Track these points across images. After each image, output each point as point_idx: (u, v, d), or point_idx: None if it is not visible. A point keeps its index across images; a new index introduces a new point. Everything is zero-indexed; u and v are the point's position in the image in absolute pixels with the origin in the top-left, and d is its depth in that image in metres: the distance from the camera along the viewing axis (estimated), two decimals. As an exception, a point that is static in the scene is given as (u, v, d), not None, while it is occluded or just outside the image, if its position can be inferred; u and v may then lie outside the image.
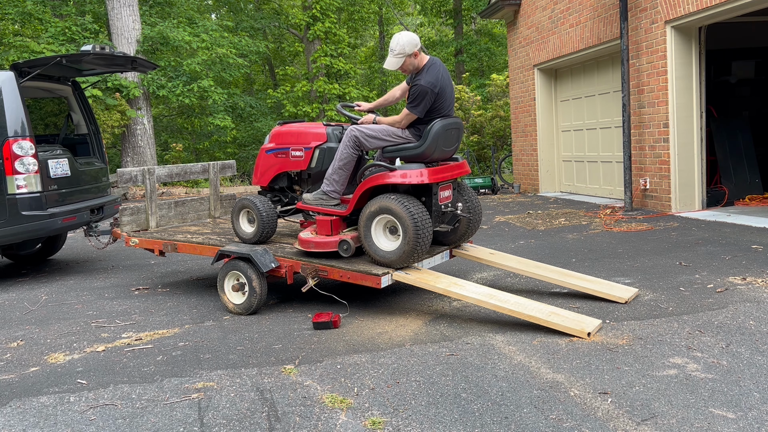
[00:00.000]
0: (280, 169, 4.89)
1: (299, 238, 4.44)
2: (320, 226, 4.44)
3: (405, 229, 4.01)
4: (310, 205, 4.58)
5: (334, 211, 4.46)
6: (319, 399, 2.96)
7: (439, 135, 4.26)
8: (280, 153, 4.84)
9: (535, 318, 3.78)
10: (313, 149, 4.69)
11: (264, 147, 4.98)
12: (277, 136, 4.92)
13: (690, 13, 7.49)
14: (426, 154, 4.27)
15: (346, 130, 4.52)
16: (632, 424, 2.58)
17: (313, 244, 4.33)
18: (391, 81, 31.40)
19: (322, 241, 4.32)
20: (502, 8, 12.31)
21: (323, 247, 4.31)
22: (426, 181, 4.12)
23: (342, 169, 4.47)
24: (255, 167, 5.02)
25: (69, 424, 2.82)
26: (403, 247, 4.05)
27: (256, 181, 5.03)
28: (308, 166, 4.73)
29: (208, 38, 17.03)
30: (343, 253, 4.27)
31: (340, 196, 4.54)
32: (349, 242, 4.26)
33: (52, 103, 7.58)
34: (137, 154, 16.21)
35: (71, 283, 5.95)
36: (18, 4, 16.41)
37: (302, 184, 4.95)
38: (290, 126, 4.95)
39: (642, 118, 8.60)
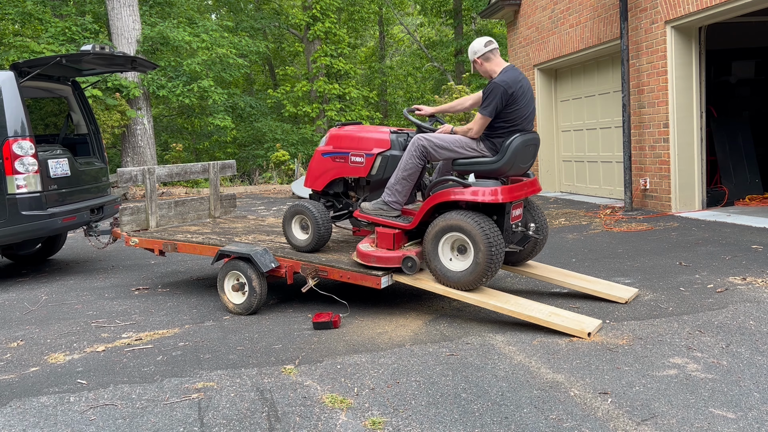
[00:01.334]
0: (337, 174, 4.65)
1: (358, 250, 4.22)
2: (381, 239, 4.21)
3: (477, 249, 3.81)
4: (368, 215, 4.36)
5: (396, 224, 4.24)
6: (319, 399, 2.96)
7: (518, 151, 4.03)
8: (339, 157, 4.60)
9: (535, 318, 3.78)
10: (375, 156, 4.44)
11: (320, 149, 4.73)
12: (335, 139, 4.66)
13: (690, 13, 7.50)
14: (502, 170, 4.05)
15: (413, 138, 4.26)
16: (632, 424, 2.58)
17: (375, 259, 4.10)
18: (391, 81, 31.42)
19: (384, 255, 4.10)
20: (502, 8, 12.31)
21: (385, 262, 4.09)
22: (502, 200, 3.89)
23: (406, 180, 4.25)
24: (308, 169, 4.79)
25: (69, 424, 2.82)
26: (474, 269, 3.85)
27: (309, 185, 4.81)
28: (368, 174, 4.49)
29: (208, 38, 17.03)
30: (407, 270, 4.08)
31: (401, 207, 4.33)
32: (414, 259, 4.04)
33: (52, 103, 7.58)
34: (137, 154, 16.21)
35: (71, 283, 5.95)
36: (18, 4, 16.41)
37: (358, 190, 4.74)
38: (350, 129, 4.69)
39: (642, 118, 8.60)
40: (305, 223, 4.59)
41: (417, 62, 31.00)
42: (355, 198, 4.77)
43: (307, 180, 4.82)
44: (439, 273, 3.99)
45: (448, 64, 27.67)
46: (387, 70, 30.87)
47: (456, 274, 3.94)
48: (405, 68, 32.13)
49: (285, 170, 17.78)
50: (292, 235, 4.63)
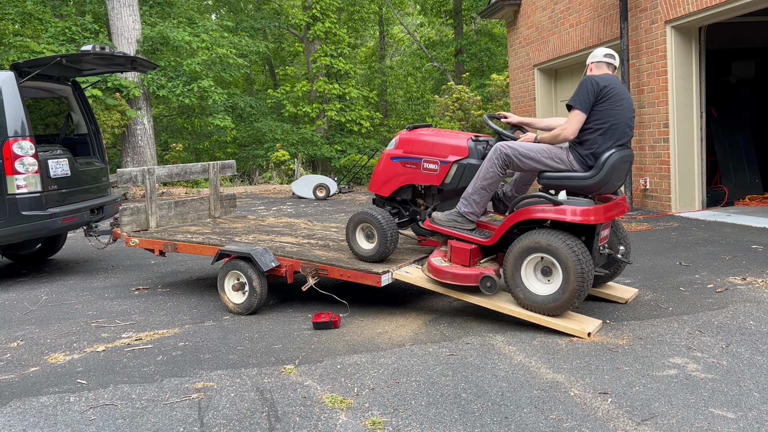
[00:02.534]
0: (406, 180, 4.40)
1: (431, 264, 3.98)
2: (456, 254, 3.96)
3: (567, 273, 3.55)
4: (440, 227, 4.12)
5: (472, 238, 3.99)
6: (319, 399, 2.96)
7: (615, 167, 3.74)
8: (410, 163, 4.34)
9: (535, 318, 3.77)
10: (451, 164, 4.17)
11: (388, 153, 4.48)
12: (406, 144, 4.40)
13: (690, 13, 7.50)
14: (596, 188, 3.76)
15: (495, 146, 3.98)
16: (632, 424, 2.58)
17: (450, 276, 3.86)
18: (391, 81, 31.43)
19: (461, 273, 3.85)
20: (502, 8, 12.31)
21: (462, 280, 3.85)
22: (595, 221, 3.60)
23: (485, 190, 3.99)
24: (375, 173, 4.55)
25: (69, 424, 2.82)
26: (561, 294, 3.60)
27: (375, 190, 4.56)
28: (442, 182, 4.23)
29: (208, 38, 17.04)
30: (485, 291, 3.82)
31: (477, 219, 4.07)
32: (493, 279, 3.79)
33: (52, 103, 7.58)
34: (137, 154, 16.22)
35: (71, 283, 5.95)
36: (18, 4, 16.41)
37: (428, 199, 4.49)
38: (424, 133, 4.40)
39: (642, 118, 8.60)
40: (370, 231, 4.30)
41: (417, 62, 30.99)
42: (423, 206, 4.51)
43: (373, 184, 4.56)
44: (521, 296, 3.75)
45: (448, 64, 27.66)
46: (387, 70, 30.87)
47: (541, 298, 3.68)
48: (405, 68, 32.13)
49: (285, 170, 17.78)
50: (356, 244, 4.36)
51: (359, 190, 15.38)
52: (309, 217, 10.08)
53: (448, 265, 3.95)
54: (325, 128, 24.11)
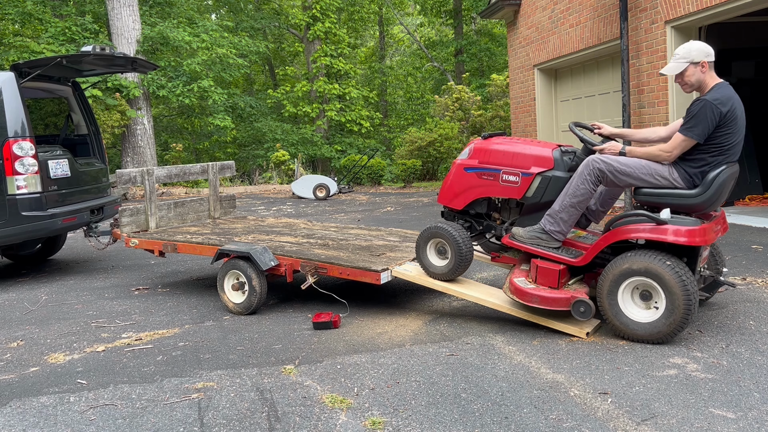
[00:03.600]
0: (482, 193, 4.08)
1: (514, 285, 3.70)
2: (542, 274, 3.68)
3: (671, 298, 3.31)
4: (522, 244, 3.84)
5: (561, 258, 3.70)
6: (319, 399, 2.96)
7: (724, 185, 3.44)
8: (487, 174, 4.02)
9: (535, 317, 3.78)
10: (534, 176, 3.86)
11: (461, 163, 4.16)
12: (482, 153, 4.08)
13: (690, 13, 7.50)
14: (702, 206, 3.47)
15: (587, 159, 3.68)
16: (632, 424, 2.58)
17: (538, 299, 3.58)
18: (391, 81, 31.43)
19: (549, 296, 3.56)
20: (502, 8, 12.31)
21: (551, 304, 3.56)
22: (700, 242, 3.32)
23: (574, 207, 3.69)
24: (446, 184, 4.24)
25: (69, 424, 2.82)
26: (665, 321, 3.34)
27: (446, 202, 4.25)
28: (523, 195, 3.93)
29: (208, 38, 17.05)
30: (578, 317, 3.51)
31: (564, 238, 3.80)
32: (587, 303, 3.49)
33: (52, 104, 7.58)
34: (137, 154, 16.22)
35: (71, 283, 5.95)
36: (18, 4, 16.42)
37: (504, 212, 4.20)
38: (503, 142, 4.08)
39: (642, 118, 8.60)
40: (443, 247, 4.04)
41: (417, 62, 31.01)
42: (499, 221, 4.22)
43: (443, 196, 4.26)
44: (618, 322, 3.49)
45: (448, 64, 27.66)
46: (387, 70, 30.88)
47: (642, 326, 3.42)
48: (405, 68, 32.15)
49: (285, 170, 17.78)
50: (427, 260, 4.10)
51: (359, 190, 15.38)
52: (309, 217, 10.08)
53: (534, 287, 3.65)
54: (325, 128, 24.11)
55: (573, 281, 3.79)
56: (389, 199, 12.60)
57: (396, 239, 5.12)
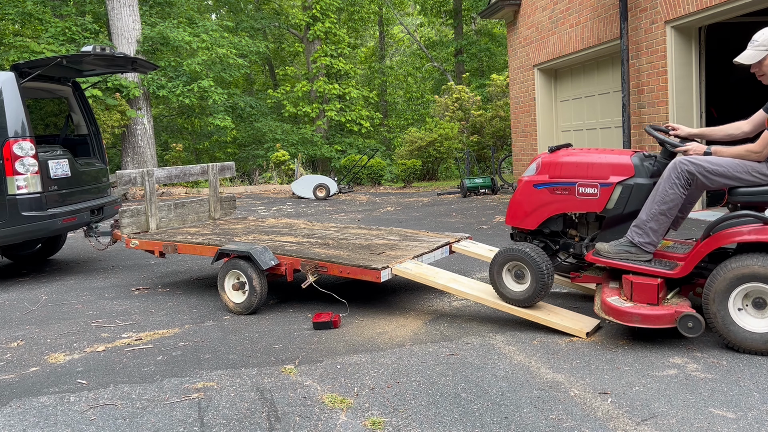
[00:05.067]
0: (558, 209, 3.88)
1: (609, 305, 3.45)
2: (638, 290, 3.45)
3: None
4: (609, 260, 3.61)
5: (655, 271, 3.48)
6: (319, 399, 2.96)
7: None
8: (561, 189, 3.82)
9: (534, 316, 3.78)
10: (614, 186, 3.67)
11: (529, 180, 3.97)
12: (552, 167, 3.90)
13: (690, 13, 7.50)
14: None
15: (673, 162, 3.49)
16: (632, 424, 2.58)
17: (638, 318, 3.33)
18: (391, 81, 31.42)
19: (651, 313, 3.32)
20: (502, 8, 12.31)
21: (654, 321, 3.31)
22: None
23: (664, 215, 3.49)
24: (514, 205, 4.04)
25: (69, 424, 2.82)
26: None
27: (517, 223, 4.04)
28: (604, 208, 3.73)
29: (208, 38, 17.05)
30: (687, 333, 3.26)
31: (655, 249, 3.58)
32: (695, 317, 3.24)
33: (52, 104, 7.58)
34: (137, 154, 16.23)
35: (71, 283, 5.96)
36: (18, 4, 16.42)
37: (582, 228, 3.99)
38: (573, 153, 3.91)
39: (642, 118, 8.60)
40: (520, 270, 3.77)
41: (417, 62, 31.02)
42: (577, 238, 3.99)
43: (513, 217, 4.06)
44: (730, 335, 3.25)
45: (448, 64, 27.67)
46: (387, 70, 30.89)
47: (758, 337, 3.19)
48: (405, 68, 32.16)
49: (285, 170, 17.79)
50: (503, 286, 3.82)
51: (359, 190, 15.39)
52: (309, 217, 10.08)
53: (631, 305, 3.42)
54: (325, 128, 24.12)
55: (671, 295, 3.56)
56: (389, 199, 12.60)
57: (396, 238, 5.12)
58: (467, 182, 12.31)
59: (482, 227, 8.03)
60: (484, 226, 8.10)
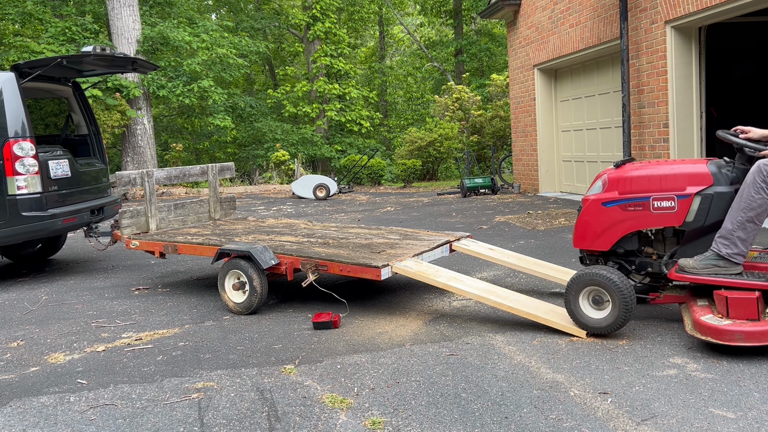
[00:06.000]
0: (633, 226, 3.66)
1: (704, 325, 3.24)
2: (736, 307, 3.23)
3: None
4: (695, 276, 3.41)
5: (751, 284, 3.27)
6: (319, 399, 2.96)
7: None
8: (633, 205, 3.62)
9: (534, 315, 3.77)
10: (692, 197, 3.47)
11: (597, 198, 3.76)
12: (621, 183, 3.69)
13: (690, 13, 7.50)
14: None
15: (757, 166, 3.31)
16: (632, 424, 2.58)
17: (741, 336, 3.11)
18: (391, 81, 31.43)
19: (756, 330, 3.10)
20: (502, 8, 12.31)
21: (762, 338, 3.09)
22: None
23: (752, 222, 3.29)
24: (582, 226, 3.81)
25: (69, 424, 2.82)
26: None
27: (588, 245, 3.81)
28: (683, 221, 3.53)
29: (208, 38, 17.06)
30: None
31: (744, 260, 3.39)
32: None
33: (52, 104, 7.58)
34: (137, 154, 16.23)
35: (71, 283, 5.96)
36: (18, 4, 16.43)
37: (658, 245, 3.78)
38: (642, 166, 3.71)
39: (642, 118, 8.60)
40: (599, 296, 3.56)
41: (417, 62, 31.03)
42: (655, 256, 3.77)
43: (583, 239, 3.84)
44: None
45: (448, 64, 27.68)
46: (387, 70, 30.90)
47: None
48: (405, 68, 32.17)
49: (285, 170, 17.79)
50: (580, 312, 3.60)
51: (359, 190, 15.39)
52: (309, 217, 10.08)
53: (730, 322, 3.21)
54: (325, 128, 24.12)
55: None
56: (389, 199, 12.60)
57: (396, 237, 5.12)
58: (467, 182, 12.32)
59: (482, 227, 8.04)
60: (485, 226, 8.10)
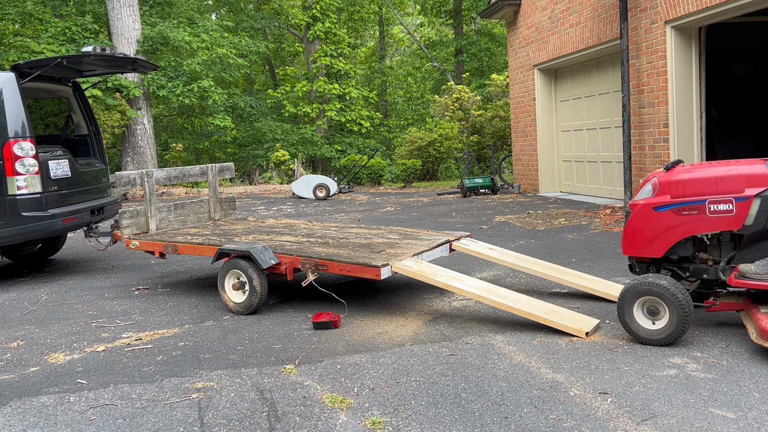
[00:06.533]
0: (687, 231, 3.52)
1: None
2: None
3: None
4: (759, 282, 3.28)
5: None
6: (319, 399, 2.96)
7: None
8: (688, 209, 3.48)
9: (533, 315, 3.77)
10: (752, 199, 3.36)
11: (647, 203, 3.61)
12: (673, 186, 3.54)
13: (690, 13, 7.50)
14: None
15: None
16: (632, 424, 2.58)
17: None
18: (391, 81, 31.43)
19: None
20: (502, 8, 12.31)
21: None
22: None
23: None
24: (631, 232, 3.67)
25: (69, 424, 2.82)
26: None
27: (639, 252, 3.67)
28: (742, 225, 3.41)
29: (208, 38, 17.06)
30: None
31: None
32: None
33: (52, 104, 7.58)
34: (137, 154, 16.23)
35: (71, 283, 5.96)
36: (18, 4, 16.43)
37: (713, 250, 3.63)
38: (695, 168, 3.58)
39: (642, 118, 8.60)
40: (654, 306, 3.43)
41: (417, 62, 31.03)
42: (711, 261, 3.63)
43: (633, 246, 3.69)
44: None
45: (448, 64, 27.68)
46: (387, 70, 30.89)
47: None
48: (405, 68, 32.17)
49: (285, 170, 17.79)
50: (635, 323, 3.48)
51: (359, 190, 15.39)
52: (309, 217, 10.08)
53: None
54: (325, 128, 24.12)
55: None
56: (389, 199, 12.60)
57: (396, 237, 5.12)
58: (467, 182, 12.32)
59: (482, 227, 8.04)
60: (484, 226, 8.10)
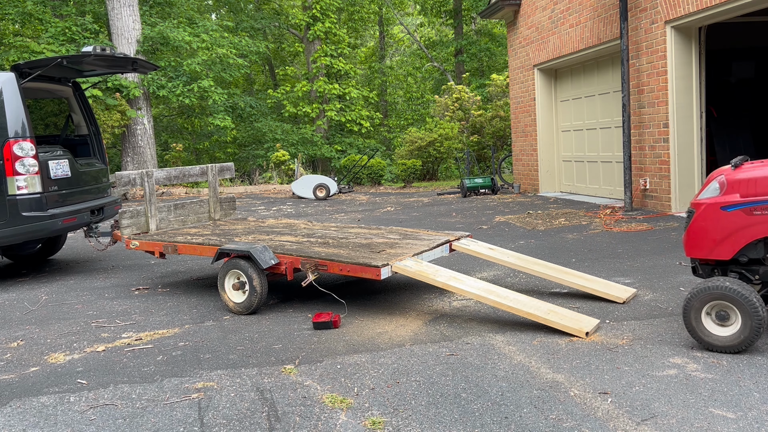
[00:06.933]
0: (759, 232, 3.32)
1: None
2: None
3: None
4: None
5: None
6: (319, 399, 2.96)
7: None
8: (760, 208, 3.30)
9: (533, 315, 3.77)
10: None
11: (714, 202, 3.42)
12: (744, 185, 3.35)
13: (690, 13, 7.50)
14: None
15: None
16: (632, 424, 2.58)
17: None
18: (391, 81, 31.43)
19: None
20: (502, 8, 12.31)
21: None
22: None
23: None
24: (697, 233, 3.47)
25: (69, 424, 2.82)
26: None
27: (705, 254, 3.47)
28: None
29: (208, 38, 17.06)
30: None
31: None
32: None
33: (52, 104, 7.58)
34: (137, 154, 16.23)
35: (71, 283, 5.96)
36: (18, 4, 16.42)
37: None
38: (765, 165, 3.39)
39: (642, 118, 8.60)
40: (725, 311, 3.29)
41: (417, 62, 31.03)
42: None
43: (699, 247, 3.49)
44: None
45: (448, 64, 27.67)
46: (387, 70, 30.89)
47: None
48: (405, 68, 32.17)
49: (285, 170, 17.79)
50: (704, 331, 3.34)
51: (359, 190, 15.38)
52: (309, 217, 10.08)
53: None
54: (325, 128, 24.12)
55: None
56: (389, 199, 12.60)
57: (396, 237, 5.12)
58: (467, 182, 12.32)
59: (482, 227, 8.04)
60: (485, 226, 8.10)
